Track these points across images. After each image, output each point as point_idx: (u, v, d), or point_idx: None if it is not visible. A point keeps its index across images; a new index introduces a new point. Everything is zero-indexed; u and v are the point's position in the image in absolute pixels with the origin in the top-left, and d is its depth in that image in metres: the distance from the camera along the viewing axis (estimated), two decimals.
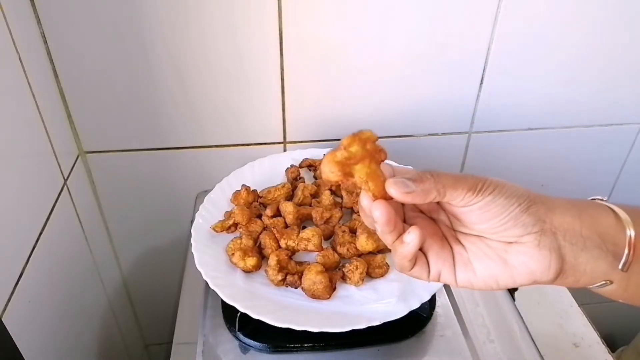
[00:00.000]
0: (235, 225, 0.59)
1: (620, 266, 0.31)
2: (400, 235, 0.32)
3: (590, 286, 0.33)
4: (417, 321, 0.54)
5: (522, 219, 0.31)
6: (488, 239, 0.33)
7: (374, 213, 0.31)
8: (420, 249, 0.33)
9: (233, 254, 0.55)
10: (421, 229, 0.32)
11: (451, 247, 0.34)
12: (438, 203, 0.34)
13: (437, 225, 0.35)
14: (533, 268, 0.31)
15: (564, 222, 0.32)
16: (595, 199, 0.35)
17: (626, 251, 0.31)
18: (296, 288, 0.53)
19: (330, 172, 0.32)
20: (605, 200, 0.35)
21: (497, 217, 0.31)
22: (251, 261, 0.54)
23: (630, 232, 0.31)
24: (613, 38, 0.77)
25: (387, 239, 0.33)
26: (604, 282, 0.32)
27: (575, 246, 0.31)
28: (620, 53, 0.79)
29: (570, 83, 0.81)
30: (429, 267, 0.34)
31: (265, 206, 0.62)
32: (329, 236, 0.59)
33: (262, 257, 0.57)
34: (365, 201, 0.32)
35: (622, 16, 0.75)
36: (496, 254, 0.33)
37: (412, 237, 0.32)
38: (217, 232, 0.59)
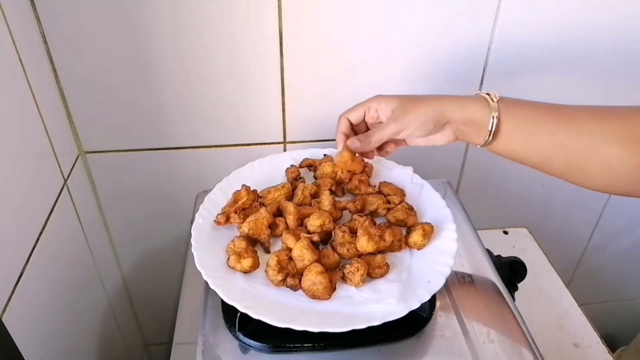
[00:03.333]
0: (242, 209, 0.59)
1: (482, 144, 0.53)
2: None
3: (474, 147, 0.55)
4: (417, 321, 0.54)
5: (432, 131, 0.54)
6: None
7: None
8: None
9: (229, 257, 0.55)
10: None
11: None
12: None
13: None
14: (443, 143, 0.55)
15: (454, 115, 0.52)
16: (479, 94, 0.53)
17: (488, 135, 0.52)
18: (295, 291, 0.53)
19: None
20: (488, 94, 0.52)
21: (418, 136, 0.55)
22: (247, 262, 0.54)
23: (493, 107, 0.51)
24: (613, 38, 0.77)
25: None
26: (478, 146, 0.54)
27: (463, 133, 0.54)
28: (620, 53, 0.79)
29: (569, 83, 0.81)
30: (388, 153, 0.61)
31: (265, 206, 0.62)
32: (363, 208, 0.63)
33: (263, 251, 0.57)
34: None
35: (622, 15, 0.75)
36: (423, 139, 0.56)
37: (391, 147, 0.61)
38: (220, 223, 0.59)
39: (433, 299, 0.56)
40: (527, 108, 0.52)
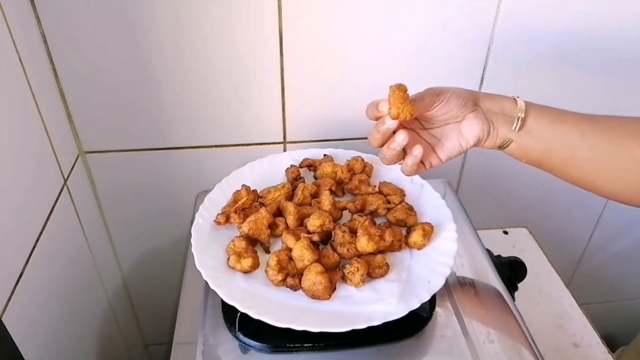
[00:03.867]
0: (242, 209, 0.59)
1: (513, 128, 0.51)
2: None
3: (502, 147, 0.53)
4: (417, 321, 0.54)
5: (467, 105, 0.51)
6: (448, 124, 0.53)
7: (399, 136, 0.50)
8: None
9: (229, 257, 0.55)
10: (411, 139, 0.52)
11: (429, 144, 0.54)
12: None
13: (417, 133, 0.55)
14: (477, 131, 0.52)
15: (486, 104, 0.52)
16: (508, 96, 0.54)
17: (516, 121, 0.51)
18: (295, 291, 0.53)
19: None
20: (515, 97, 0.53)
21: (455, 107, 0.51)
22: (247, 262, 0.54)
23: (521, 104, 0.52)
24: (613, 36, 0.77)
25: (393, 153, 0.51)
26: (507, 139, 0.52)
27: (493, 117, 0.52)
28: (620, 52, 0.79)
29: (569, 83, 0.81)
30: (424, 164, 0.54)
31: (265, 206, 0.62)
32: (363, 208, 0.62)
33: (263, 251, 0.57)
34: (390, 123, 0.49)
35: (623, 13, 0.75)
36: (455, 131, 0.53)
37: (418, 150, 0.51)
38: (220, 223, 0.59)
39: (433, 299, 0.56)
40: (549, 107, 0.53)
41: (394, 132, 0.50)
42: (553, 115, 0.52)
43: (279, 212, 0.61)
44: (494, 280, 0.63)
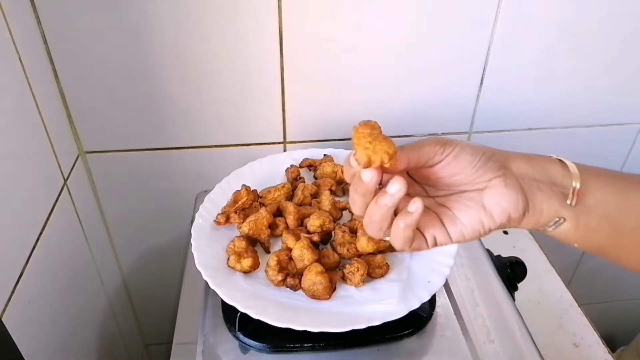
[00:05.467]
0: (242, 209, 0.59)
1: (568, 202, 0.37)
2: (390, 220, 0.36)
3: (549, 226, 0.38)
4: (417, 321, 0.54)
5: (488, 165, 0.37)
6: (464, 192, 0.38)
7: (393, 186, 0.34)
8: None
9: (228, 258, 0.55)
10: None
11: (436, 213, 0.38)
12: (412, 176, 0.40)
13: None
14: (505, 206, 0.36)
15: (519, 167, 0.38)
16: (549, 157, 0.40)
17: (571, 193, 0.37)
18: (295, 291, 0.53)
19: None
20: (555, 156, 0.40)
21: (468, 165, 0.37)
22: (247, 262, 0.54)
23: (572, 167, 0.38)
24: (613, 38, 0.77)
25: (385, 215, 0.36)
26: (558, 219, 0.37)
27: (532, 186, 0.37)
28: (620, 53, 0.79)
29: (570, 83, 0.81)
30: (424, 237, 0.38)
31: (265, 206, 0.62)
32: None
33: (263, 251, 0.57)
34: (369, 175, 0.35)
35: (621, 16, 0.75)
36: (474, 202, 0.37)
37: (416, 205, 0.35)
38: (220, 223, 0.59)
39: (433, 299, 0.56)
40: (607, 171, 0.40)
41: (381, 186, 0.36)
42: (617, 182, 0.39)
43: (279, 212, 0.61)
44: (494, 280, 0.63)
